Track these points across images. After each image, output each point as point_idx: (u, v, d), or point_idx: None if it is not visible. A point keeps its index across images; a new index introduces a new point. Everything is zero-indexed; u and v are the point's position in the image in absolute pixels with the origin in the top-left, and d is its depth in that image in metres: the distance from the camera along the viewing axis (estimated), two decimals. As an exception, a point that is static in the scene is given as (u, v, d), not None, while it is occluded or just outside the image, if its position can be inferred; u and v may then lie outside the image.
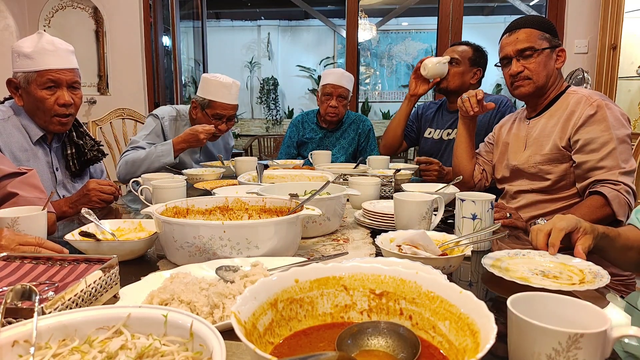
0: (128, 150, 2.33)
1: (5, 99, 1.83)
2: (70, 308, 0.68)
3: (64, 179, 1.86)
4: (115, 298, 0.81)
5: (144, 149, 2.31)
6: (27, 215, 1.12)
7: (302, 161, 2.56)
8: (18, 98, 1.73)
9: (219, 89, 2.42)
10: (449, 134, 2.59)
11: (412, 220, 1.22)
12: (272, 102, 10.91)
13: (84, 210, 1.17)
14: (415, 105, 2.73)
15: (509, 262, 1.03)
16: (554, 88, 1.77)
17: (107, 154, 2.19)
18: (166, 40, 4.90)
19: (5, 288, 0.73)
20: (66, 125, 1.77)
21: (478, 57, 2.53)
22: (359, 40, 5.07)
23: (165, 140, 2.42)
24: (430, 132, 2.68)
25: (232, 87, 2.44)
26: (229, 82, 2.43)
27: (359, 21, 4.85)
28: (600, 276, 0.92)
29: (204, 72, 5.81)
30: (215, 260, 0.94)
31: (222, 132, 2.50)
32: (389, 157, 2.37)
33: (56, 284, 0.74)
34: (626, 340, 0.73)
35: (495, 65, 1.87)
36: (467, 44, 2.56)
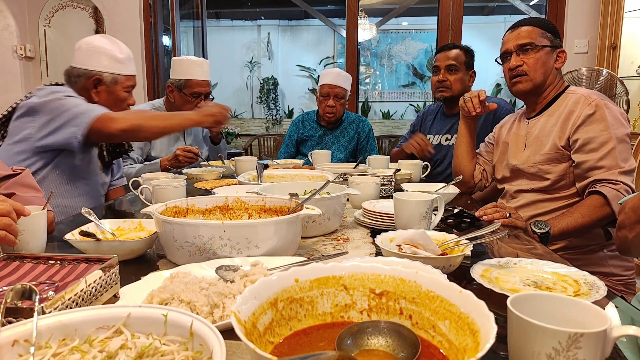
0: None
1: (57, 84, 1.89)
2: (70, 307, 0.68)
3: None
4: (115, 297, 0.81)
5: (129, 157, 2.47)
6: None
7: (302, 161, 2.57)
8: (95, 93, 1.85)
9: (191, 67, 2.53)
10: (447, 139, 2.58)
11: (412, 220, 1.22)
12: (272, 101, 10.89)
13: (83, 210, 1.18)
14: (423, 109, 2.78)
15: (499, 272, 0.97)
16: (553, 87, 1.77)
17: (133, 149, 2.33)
18: (166, 40, 4.90)
19: (5, 288, 0.73)
20: None
21: (470, 59, 2.52)
22: (359, 40, 5.08)
23: None
24: (430, 138, 2.67)
25: (203, 64, 2.58)
26: (200, 60, 2.57)
27: (359, 21, 4.85)
28: (596, 287, 0.88)
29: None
30: (215, 260, 0.94)
31: None
32: (388, 156, 2.36)
33: (56, 284, 0.74)
34: (624, 339, 0.73)
35: (495, 60, 1.86)
36: (456, 47, 2.53)
